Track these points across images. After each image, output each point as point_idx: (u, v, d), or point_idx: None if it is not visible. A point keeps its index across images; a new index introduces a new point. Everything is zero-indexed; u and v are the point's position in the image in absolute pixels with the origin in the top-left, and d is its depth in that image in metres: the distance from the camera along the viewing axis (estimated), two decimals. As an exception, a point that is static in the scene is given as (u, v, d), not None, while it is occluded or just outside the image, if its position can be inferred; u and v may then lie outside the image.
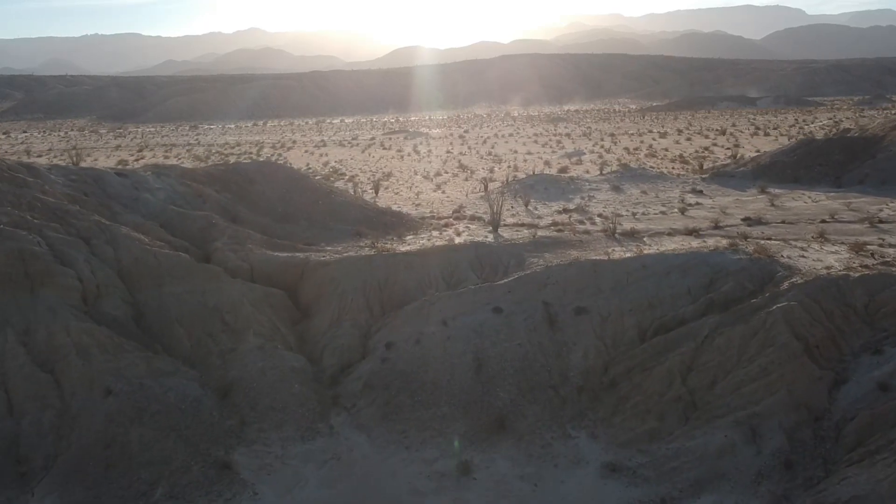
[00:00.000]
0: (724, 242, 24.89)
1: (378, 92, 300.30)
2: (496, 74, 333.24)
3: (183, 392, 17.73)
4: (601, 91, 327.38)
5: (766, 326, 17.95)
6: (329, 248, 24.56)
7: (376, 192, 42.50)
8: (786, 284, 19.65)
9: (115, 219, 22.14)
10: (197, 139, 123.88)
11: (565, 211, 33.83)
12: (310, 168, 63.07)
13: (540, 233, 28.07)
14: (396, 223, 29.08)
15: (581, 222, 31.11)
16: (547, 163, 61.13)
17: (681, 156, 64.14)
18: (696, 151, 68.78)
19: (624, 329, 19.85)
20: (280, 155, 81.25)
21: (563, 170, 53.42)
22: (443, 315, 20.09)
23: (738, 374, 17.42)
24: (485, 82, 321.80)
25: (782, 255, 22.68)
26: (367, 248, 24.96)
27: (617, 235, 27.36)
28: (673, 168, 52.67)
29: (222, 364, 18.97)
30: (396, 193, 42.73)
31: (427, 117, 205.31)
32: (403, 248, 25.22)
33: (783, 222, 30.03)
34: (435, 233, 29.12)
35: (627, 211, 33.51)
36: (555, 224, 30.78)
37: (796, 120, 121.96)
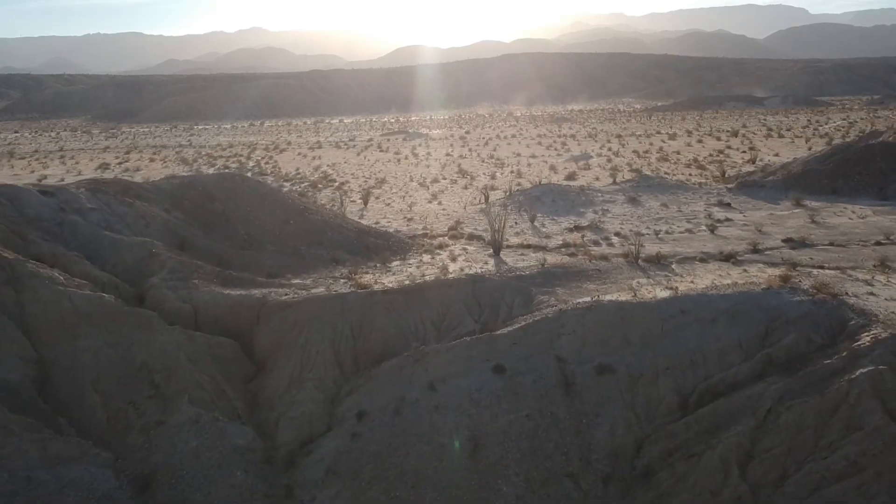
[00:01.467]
0: (772, 274, 20.68)
1: (380, 91, 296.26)
2: (498, 74, 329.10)
3: (88, 486, 13.55)
4: (605, 90, 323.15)
5: (850, 401, 13.74)
6: (296, 280, 20.36)
7: (365, 204, 38.29)
8: (865, 339, 15.40)
9: (27, 250, 17.94)
10: (189, 140, 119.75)
11: (577, 228, 29.59)
12: (299, 173, 58.89)
13: (549, 258, 23.89)
14: (381, 246, 24.87)
15: (596, 243, 26.91)
16: (552, 167, 56.90)
17: (695, 160, 59.85)
18: (711, 155, 64.55)
19: (660, 395, 15.63)
20: (271, 157, 77.11)
21: (571, 176, 49.21)
22: (430, 376, 15.87)
23: (815, 467, 13.20)
24: (487, 82, 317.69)
25: (847, 293, 18.47)
26: (342, 281, 20.76)
27: (640, 262, 23.18)
28: (690, 175, 48.38)
29: (146, 443, 14.78)
30: (387, 205, 38.50)
31: (428, 117, 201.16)
32: (387, 280, 21.04)
33: (832, 244, 25.78)
34: (426, 257, 24.94)
35: (648, 229, 29.26)
36: (566, 245, 26.62)
37: (809, 121, 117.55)
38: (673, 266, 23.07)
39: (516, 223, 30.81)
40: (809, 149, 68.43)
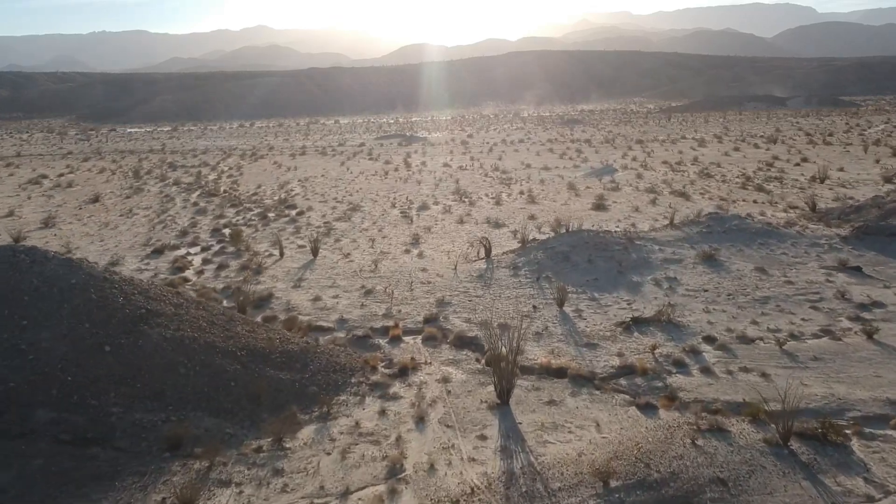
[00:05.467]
0: None
1: (382, 90, 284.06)
2: (504, 72, 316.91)
3: None
4: (614, 90, 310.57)
5: None
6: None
7: (314, 255, 26.69)
8: None
9: None
10: (164, 144, 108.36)
11: (637, 324, 17.75)
12: (258, 193, 47.38)
13: (604, 420, 12.35)
14: (288, 386, 13.20)
15: (679, 364, 15.16)
16: (571, 186, 45.27)
17: (747, 177, 48.11)
18: (761, 169, 52.77)
19: None
20: (239, 168, 65.73)
21: (600, 203, 37.59)
22: None
23: None
24: (492, 80, 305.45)
25: None
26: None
27: (791, 443, 11.54)
28: (756, 202, 36.67)
29: None
30: (346, 256, 26.83)
31: (430, 117, 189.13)
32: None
33: None
34: (371, 406, 13.25)
35: (756, 325, 17.43)
36: (626, 370, 14.92)
37: (847, 124, 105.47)
38: (856, 450, 11.45)
39: (535, 308, 19.07)
40: (877, 161, 56.72)
